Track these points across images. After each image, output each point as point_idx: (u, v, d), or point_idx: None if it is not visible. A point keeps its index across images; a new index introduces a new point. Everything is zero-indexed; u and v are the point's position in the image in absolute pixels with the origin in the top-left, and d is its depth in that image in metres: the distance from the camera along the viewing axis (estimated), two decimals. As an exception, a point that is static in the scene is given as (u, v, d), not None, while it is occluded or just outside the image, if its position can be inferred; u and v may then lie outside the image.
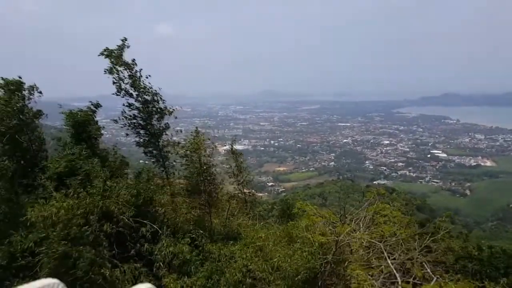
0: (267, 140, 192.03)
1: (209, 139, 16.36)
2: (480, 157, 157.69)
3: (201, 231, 14.87)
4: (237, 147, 22.65)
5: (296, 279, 11.52)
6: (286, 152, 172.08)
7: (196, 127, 16.71)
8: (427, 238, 12.37)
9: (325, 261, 11.81)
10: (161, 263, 12.33)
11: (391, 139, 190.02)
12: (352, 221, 12.59)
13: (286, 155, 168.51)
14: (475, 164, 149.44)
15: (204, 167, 16.05)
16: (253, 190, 22.80)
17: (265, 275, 12.25)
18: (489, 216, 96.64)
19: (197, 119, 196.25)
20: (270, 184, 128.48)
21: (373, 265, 10.76)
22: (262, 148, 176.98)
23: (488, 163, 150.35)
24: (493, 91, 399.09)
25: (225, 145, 23.54)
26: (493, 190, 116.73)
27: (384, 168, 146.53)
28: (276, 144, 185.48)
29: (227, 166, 20.42)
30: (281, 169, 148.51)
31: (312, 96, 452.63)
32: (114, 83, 16.16)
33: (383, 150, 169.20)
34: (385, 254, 10.71)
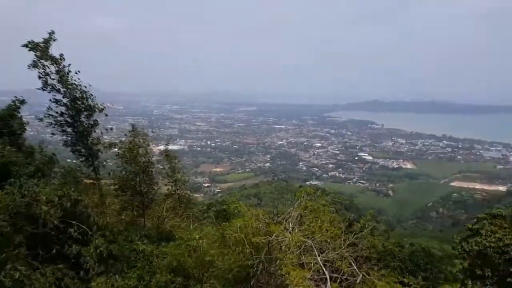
0: (204, 140, 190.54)
1: (146, 138, 16.04)
2: (401, 160, 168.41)
3: (134, 232, 14.52)
4: (173, 147, 22.40)
5: (229, 276, 11.69)
6: (222, 153, 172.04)
7: (133, 125, 16.31)
8: (352, 236, 13.06)
9: (258, 260, 12.06)
10: (89, 264, 11.86)
11: (323, 141, 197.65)
12: (284, 220, 13.02)
13: (223, 155, 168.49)
14: (397, 166, 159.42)
15: (142, 167, 15.69)
16: (188, 191, 22.61)
17: (197, 272, 12.28)
18: (410, 215, 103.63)
19: (130, 117, 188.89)
20: (206, 185, 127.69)
21: (304, 262, 11.18)
22: (199, 149, 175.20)
23: (409, 166, 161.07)
24: (418, 99, 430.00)
25: (160, 145, 23.06)
26: (413, 191, 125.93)
27: (316, 169, 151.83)
28: (213, 144, 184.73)
29: (161, 167, 20.07)
30: (218, 169, 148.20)
31: (254, 98, 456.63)
32: (40, 77, 15.29)
33: (316, 152, 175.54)
34: (315, 251, 11.16)
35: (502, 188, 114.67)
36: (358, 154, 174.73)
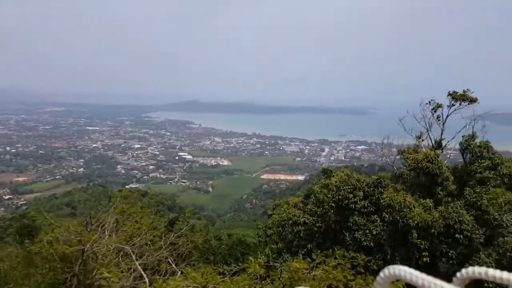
0: (2, 146, 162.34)
1: None
2: (219, 158, 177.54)
3: None
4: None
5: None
6: (26, 160, 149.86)
7: None
8: (173, 235, 13.20)
9: (71, 274, 10.98)
10: None
11: (141, 143, 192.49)
12: (99, 227, 12.17)
13: (27, 163, 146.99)
14: (215, 163, 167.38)
15: None
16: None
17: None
18: (228, 209, 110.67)
19: None
20: (7, 197, 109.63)
21: (122, 269, 10.70)
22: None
23: (226, 162, 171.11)
24: (229, 100, 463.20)
25: None
26: (230, 185, 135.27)
27: (136, 171, 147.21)
28: (14, 151, 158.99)
29: None
30: (21, 179, 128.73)
31: (56, 97, 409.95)
32: None
33: (135, 154, 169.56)
34: (133, 256, 10.81)
35: (301, 177, 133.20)
36: (178, 154, 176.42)
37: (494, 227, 16.99)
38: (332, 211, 18.68)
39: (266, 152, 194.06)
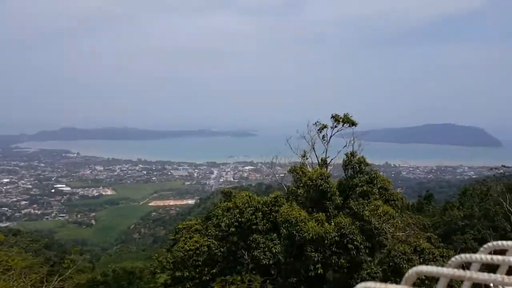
0: None
1: None
2: (101, 187, 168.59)
3: None
4: None
5: None
6: None
7: None
8: (57, 278, 13.09)
9: None
10: None
11: (11, 176, 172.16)
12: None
13: None
14: (97, 194, 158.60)
15: None
16: None
17: None
18: (114, 241, 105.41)
19: None
20: None
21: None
22: None
23: (109, 192, 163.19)
24: (108, 126, 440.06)
25: None
26: (115, 216, 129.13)
27: (6, 209, 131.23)
28: None
29: None
30: None
31: None
32: None
33: (3, 190, 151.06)
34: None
35: (191, 201, 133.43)
36: (55, 186, 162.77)
37: (375, 235, 18.81)
38: (234, 233, 19.50)
39: (154, 178, 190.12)
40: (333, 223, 18.53)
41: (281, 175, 27.24)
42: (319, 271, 17.77)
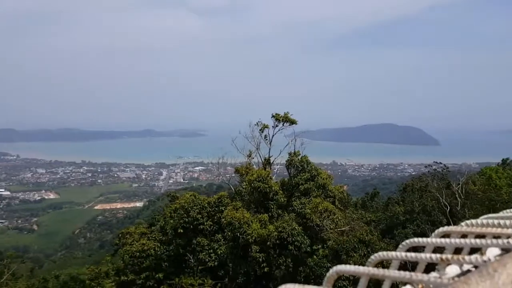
0: None
1: None
2: (43, 191, 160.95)
3: None
4: None
5: None
6: None
7: None
8: None
9: None
10: None
11: None
12: None
13: None
14: (39, 198, 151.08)
15: None
16: None
17: None
18: (58, 247, 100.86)
19: None
20: None
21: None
22: None
23: (52, 196, 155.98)
24: (49, 127, 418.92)
25: None
26: (59, 221, 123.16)
27: None
28: None
29: None
30: None
31: None
32: None
33: None
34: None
35: (139, 204, 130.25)
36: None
37: (317, 232, 19.78)
38: (180, 234, 19.61)
39: (99, 181, 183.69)
40: (278, 225, 19.07)
41: (232, 175, 27.61)
42: (265, 269, 18.44)
